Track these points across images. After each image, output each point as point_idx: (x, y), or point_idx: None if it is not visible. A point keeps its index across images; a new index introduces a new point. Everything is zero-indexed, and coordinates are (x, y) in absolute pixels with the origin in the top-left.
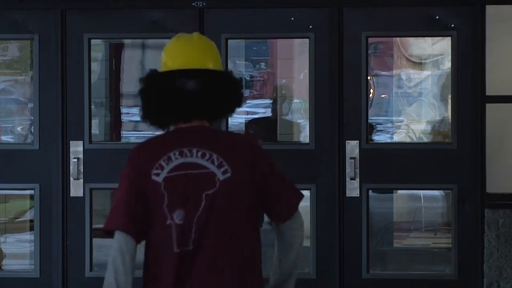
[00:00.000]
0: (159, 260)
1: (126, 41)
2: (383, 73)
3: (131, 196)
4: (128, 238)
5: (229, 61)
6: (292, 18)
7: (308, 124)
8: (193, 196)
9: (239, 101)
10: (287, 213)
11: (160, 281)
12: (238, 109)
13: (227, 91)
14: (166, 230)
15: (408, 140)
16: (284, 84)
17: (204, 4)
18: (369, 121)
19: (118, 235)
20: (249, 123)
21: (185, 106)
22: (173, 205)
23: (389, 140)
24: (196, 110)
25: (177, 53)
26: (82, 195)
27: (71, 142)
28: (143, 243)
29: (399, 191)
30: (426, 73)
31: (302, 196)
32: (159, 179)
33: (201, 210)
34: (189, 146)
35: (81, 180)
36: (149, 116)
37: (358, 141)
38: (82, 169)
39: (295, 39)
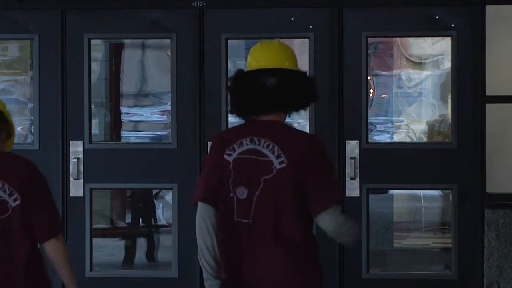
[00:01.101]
0: (225, 226)
1: (126, 41)
2: (383, 73)
3: (210, 171)
4: (207, 206)
5: (229, 61)
6: (292, 18)
7: (308, 124)
8: (254, 178)
9: (312, 96)
10: (320, 208)
11: (225, 244)
12: (312, 103)
13: (301, 86)
14: (229, 202)
15: (408, 140)
16: None
17: (204, 4)
18: (369, 121)
19: (199, 205)
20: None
21: (266, 99)
22: (237, 182)
23: (389, 140)
24: (275, 103)
25: (260, 55)
26: (82, 195)
27: (71, 142)
28: None
29: (399, 191)
30: (426, 73)
31: (338, 199)
32: (230, 158)
33: (259, 190)
34: (259, 136)
35: (81, 180)
36: (236, 108)
37: (358, 141)
38: (82, 169)
39: (295, 39)
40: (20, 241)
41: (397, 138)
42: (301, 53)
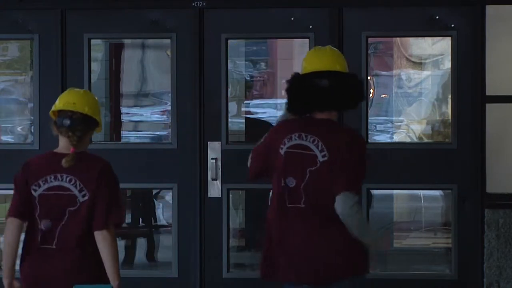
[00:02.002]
0: (277, 210)
1: (126, 41)
2: (383, 73)
3: (258, 160)
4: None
5: (229, 61)
6: (292, 18)
7: None
8: (301, 169)
9: (360, 96)
10: (339, 189)
11: (277, 224)
12: (361, 102)
13: (350, 87)
14: (281, 189)
15: (408, 140)
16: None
17: (204, 4)
18: (369, 121)
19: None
20: (250, 123)
21: (319, 98)
22: (287, 173)
23: (389, 140)
24: (327, 102)
25: (313, 59)
26: None
27: None
28: None
29: (399, 191)
30: (426, 73)
31: (356, 189)
32: (282, 152)
33: (306, 180)
34: (306, 132)
35: None
36: (292, 107)
37: None
38: None
39: (295, 39)
40: (79, 229)
41: (397, 138)
42: (301, 53)
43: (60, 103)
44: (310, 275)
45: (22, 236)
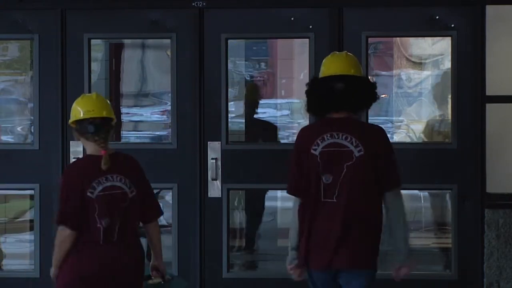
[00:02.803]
0: (313, 205)
1: (126, 41)
2: (383, 73)
3: (295, 166)
4: (297, 198)
5: (229, 61)
6: (292, 18)
7: (308, 124)
8: (337, 166)
9: (373, 97)
10: (389, 186)
11: (314, 220)
12: (374, 103)
13: (363, 89)
14: (318, 186)
15: (408, 140)
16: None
17: (204, 4)
18: (369, 121)
19: (295, 198)
20: (250, 123)
21: (335, 99)
22: (324, 171)
23: None
24: (343, 103)
25: (331, 64)
26: None
27: (71, 142)
28: None
29: None
30: (426, 73)
31: (399, 180)
32: (316, 152)
33: (343, 175)
34: (337, 131)
35: None
36: (311, 108)
37: None
38: None
39: (295, 39)
40: (133, 223)
41: (397, 138)
42: (301, 53)
43: (79, 113)
44: (342, 262)
45: None
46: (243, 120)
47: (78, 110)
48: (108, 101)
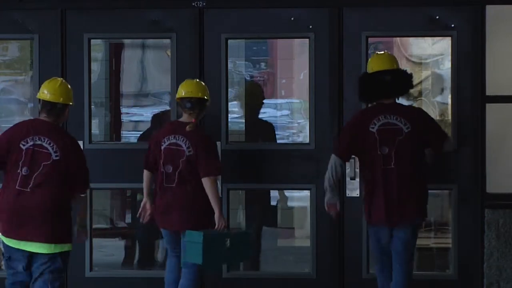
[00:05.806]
0: (375, 171)
1: (126, 41)
2: None
3: (348, 138)
4: (340, 160)
5: (229, 61)
6: (292, 18)
7: (308, 124)
8: (391, 140)
9: (411, 86)
10: (441, 143)
11: (376, 183)
12: (411, 90)
13: (404, 80)
14: (377, 155)
15: None
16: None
17: (204, 4)
18: None
19: (336, 157)
20: (250, 123)
21: (385, 89)
22: (381, 144)
23: None
24: (391, 92)
25: (377, 61)
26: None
27: None
28: None
29: None
30: (426, 73)
31: (446, 133)
32: (374, 130)
33: (395, 147)
34: (389, 113)
35: None
36: (364, 97)
37: None
38: None
39: (295, 39)
40: (190, 178)
41: None
42: (301, 53)
43: (181, 92)
44: (399, 219)
45: None
46: (243, 120)
47: (181, 90)
48: (205, 86)
